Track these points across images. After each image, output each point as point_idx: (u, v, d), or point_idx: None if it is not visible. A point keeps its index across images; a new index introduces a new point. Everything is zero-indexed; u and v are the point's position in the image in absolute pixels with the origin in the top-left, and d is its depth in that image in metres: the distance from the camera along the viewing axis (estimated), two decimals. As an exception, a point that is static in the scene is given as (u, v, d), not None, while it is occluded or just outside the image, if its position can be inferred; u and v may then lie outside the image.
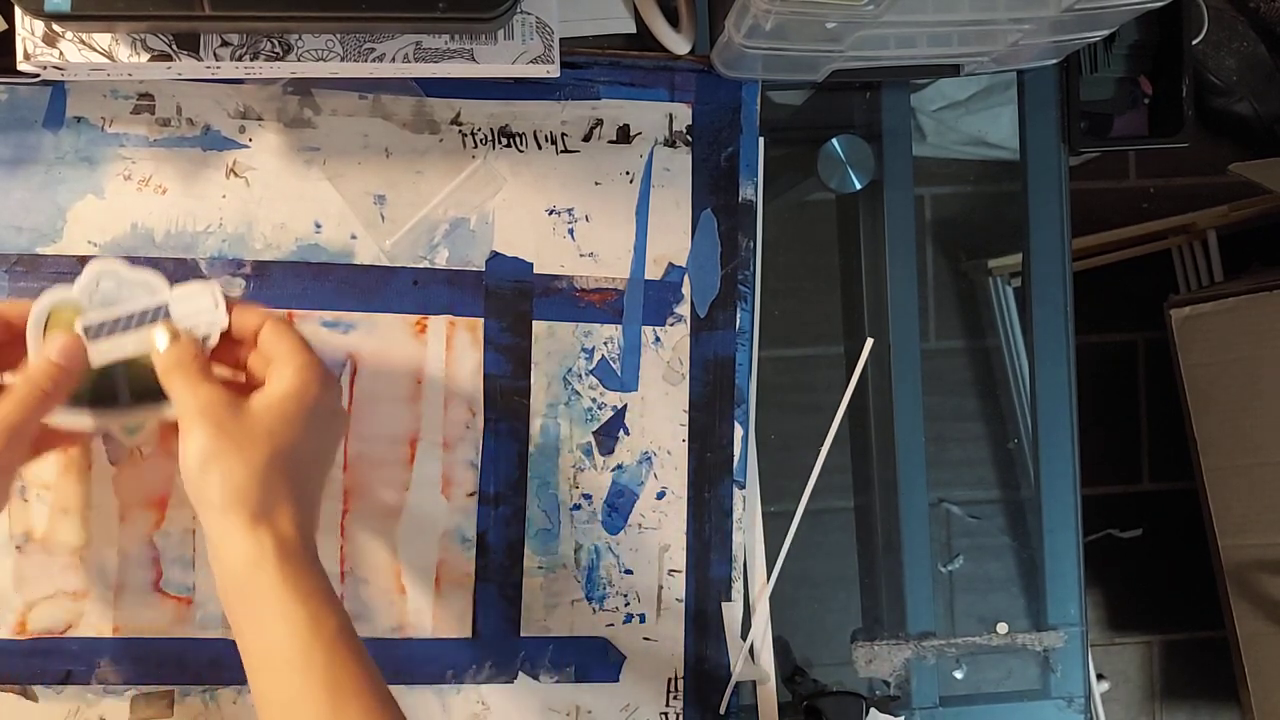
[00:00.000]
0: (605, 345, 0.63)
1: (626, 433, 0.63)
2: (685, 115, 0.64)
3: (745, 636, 0.65)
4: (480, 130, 0.62)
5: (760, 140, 0.64)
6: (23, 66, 0.53)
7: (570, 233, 0.63)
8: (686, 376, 0.64)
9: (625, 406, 0.63)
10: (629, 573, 0.63)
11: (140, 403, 0.52)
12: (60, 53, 0.53)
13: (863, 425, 0.68)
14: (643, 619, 0.64)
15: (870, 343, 0.67)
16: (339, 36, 0.55)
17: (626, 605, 0.63)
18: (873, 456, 0.68)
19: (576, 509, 0.63)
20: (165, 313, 0.52)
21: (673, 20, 0.62)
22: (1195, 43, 1.37)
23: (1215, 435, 1.21)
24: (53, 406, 0.50)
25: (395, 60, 0.55)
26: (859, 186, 0.67)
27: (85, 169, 0.58)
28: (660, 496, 0.64)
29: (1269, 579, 1.18)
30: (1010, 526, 0.70)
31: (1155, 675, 1.52)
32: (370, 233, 0.61)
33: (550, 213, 0.62)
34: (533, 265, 0.62)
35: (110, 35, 0.53)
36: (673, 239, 0.64)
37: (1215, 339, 1.19)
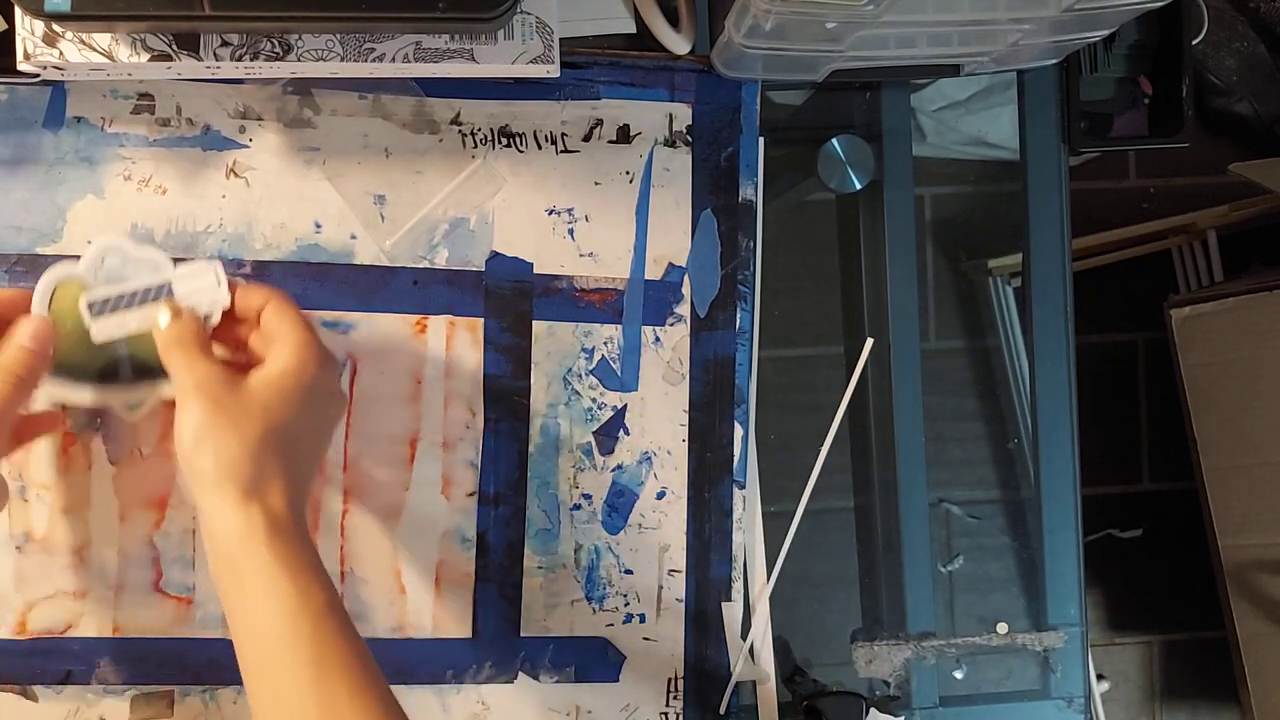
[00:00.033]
0: (605, 345, 0.63)
1: (626, 433, 0.63)
2: (685, 115, 0.64)
3: (745, 636, 0.65)
4: (480, 130, 0.62)
5: (760, 140, 0.64)
6: (23, 66, 0.53)
7: (570, 233, 0.63)
8: (686, 376, 0.64)
9: (625, 406, 0.63)
10: (629, 573, 0.63)
11: (142, 379, 0.53)
12: (60, 53, 0.53)
13: (863, 425, 0.68)
14: (643, 619, 0.64)
15: (870, 343, 0.67)
16: (339, 36, 0.55)
17: (626, 605, 0.63)
18: (873, 456, 0.68)
19: (576, 509, 0.63)
20: (168, 291, 0.52)
21: (673, 20, 0.62)
22: (1195, 43, 1.37)
23: (1215, 435, 1.21)
24: (29, 392, 0.51)
25: (395, 60, 0.55)
26: (859, 186, 0.67)
27: (85, 169, 0.58)
28: (660, 496, 0.64)
29: (1269, 579, 1.18)
30: (1010, 526, 0.70)
31: (1155, 675, 1.52)
32: (370, 233, 0.61)
33: (550, 213, 0.62)
34: (533, 265, 0.62)
35: (110, 35, 0.53)
36: (673, 239, 0.64)
37: (1215, 339, 1.19)
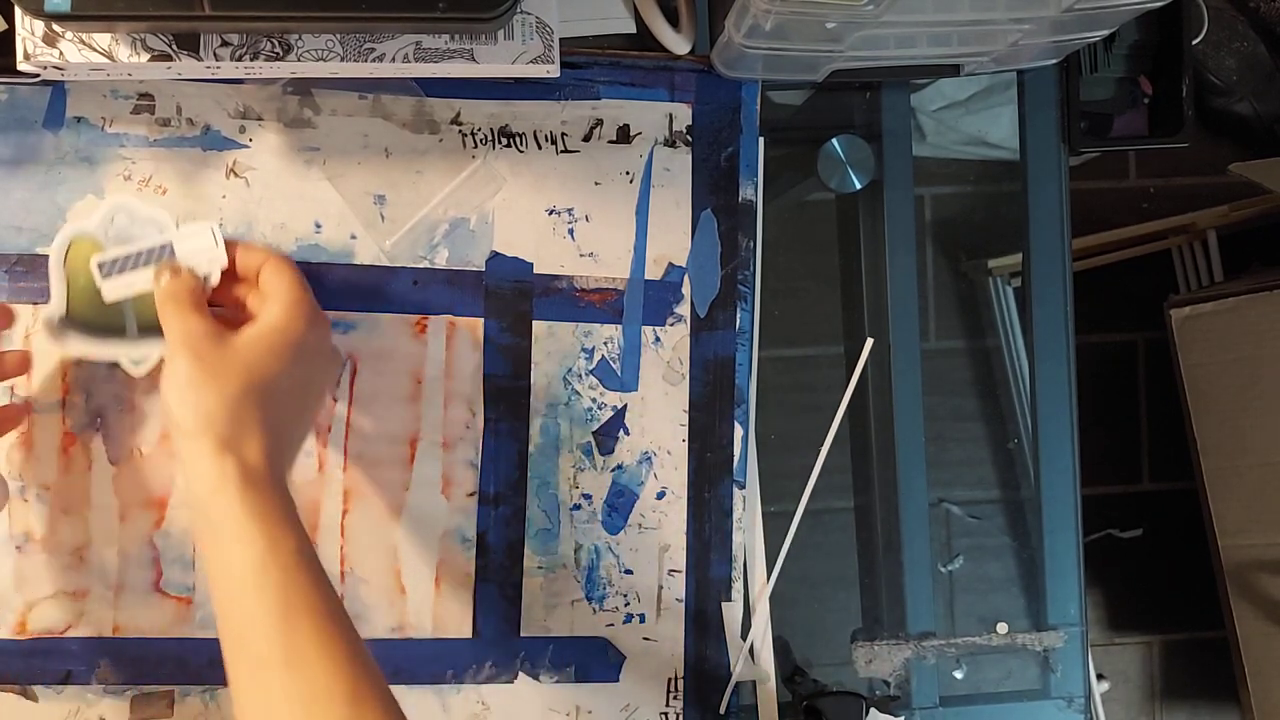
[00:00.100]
0: (605, 345, 0.63)
1: (626, 433, 0.63)
2: (685, 115, 0.64)
3: (745, 636, 0.65)
4: (480, 130, 0.62)
5: (760, 140, 0.64)
6: (23, 66, 0.53)
7: (570, 233, 0.63)
8: (686, 376, 0.64)
9: (625, 406, 0.63)
10: (629, 573, 0.63)
11: (146, 336, 0.56)
12: (60, 53, 0.53)
13: (863, 425, 0.68)
14: (643, 619, 0.64)
15: (870, 343, 0.67)
16: (339, 36, 0.55)
17: (626, 605, 0.63)
18: (873, 456, 0.68)
19: (576, 509, 0.63)
20: (170, 251, 0.55)
21: (673, 20, 0.62)
22: (1195, 43, 1.37)
23: (1215, 435, 1.21)
24: None
25: (395, 60, 0.55)
26: (859, 186, 0.67)
27: (85, 169, 0.58)
28: (660, 496, 0.64)
29: (1269, 579, 1.18)
30: (1010, 526, 0.70)
31: (1155, 675, 1.52)
32: (370, 233, 0.61)
33: (550, 213, 0.62)
34: (533, 265, 0.62)
35: (110, 35, 0.53)
36: (673, 239, 0.64)
37: (1215, 339, 1.19)
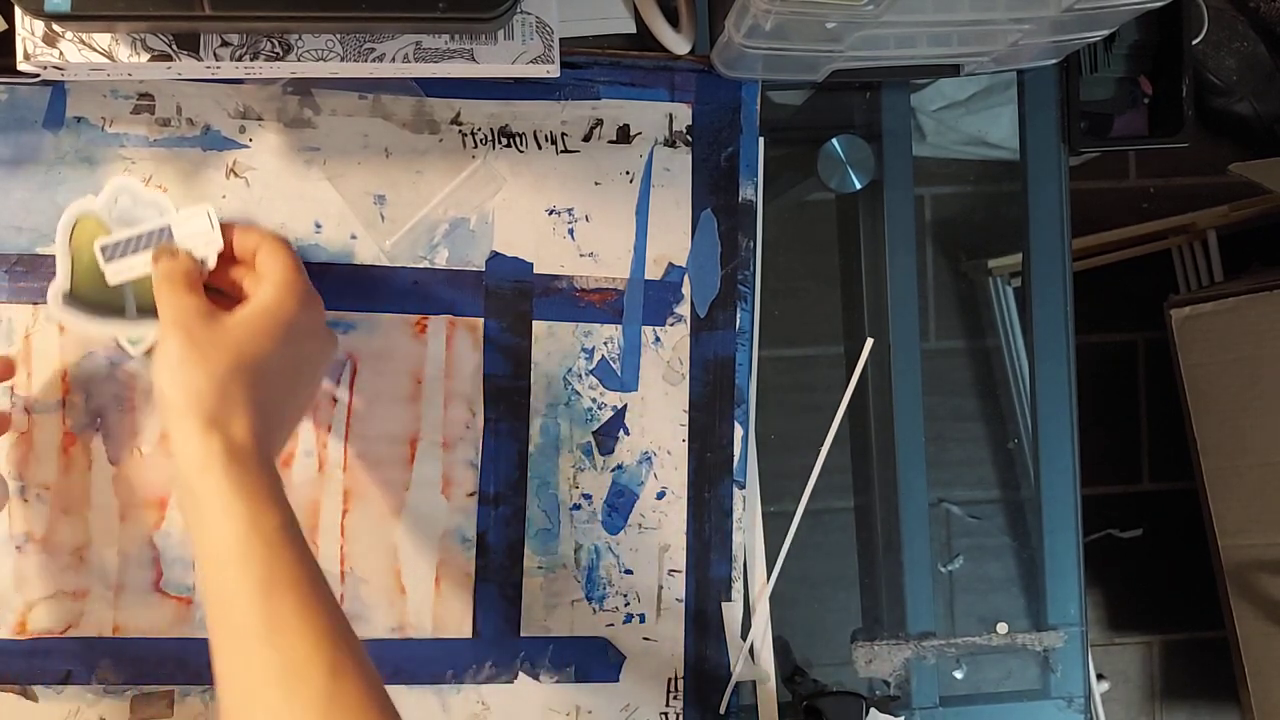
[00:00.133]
0: (605, 345, 0.63)
1: (626, 433, 0.63)
2: (685, 115, 0.64)
3: (745, 636, 0.65)
4: (480, 130, 0.62)
5: (760, 140, 0.64)
6: (23, 66, 0.53)
7: (570, 233, 0.63)
8: (686, 376, 0.64)
9: (625, 406, 0.63)
10: (629, 573, 0.63)
11: (144, 317, 0.56)
12: (60, 53, 0.53)
13: (863, 425, 0.68)
14: (643, 619, 0.64)
15: (870, 343, 0.67)
16: (339, 36, 0.55)
17: (626, 605, 0.63)
18: (873, 456, 0.68)
19: (576, 509, 0.63)
20: (169, 234, 0.55)
21: (673, 20, 0.62)
22: (1195, 43, 1.37)
23: (1215, 435, 1.21)
24: None
25: (395, 60, 0.55)
26: (859, 186, 0.67)
27: (85, 169, 0.58)
28: (660, 496, 0.64)
29: (1269, 579, 1.18)
30: (1010, 526, 0.70)
31: (1155, 675, 1.52)
32: (370, 233, 0.61)
33: (550, 213, 0.62)
34: (533, 265, 0.62)
35: (110, 35, 0.53)
36: (673, 239, 0.64)
37: (1215, 339, 1.19)
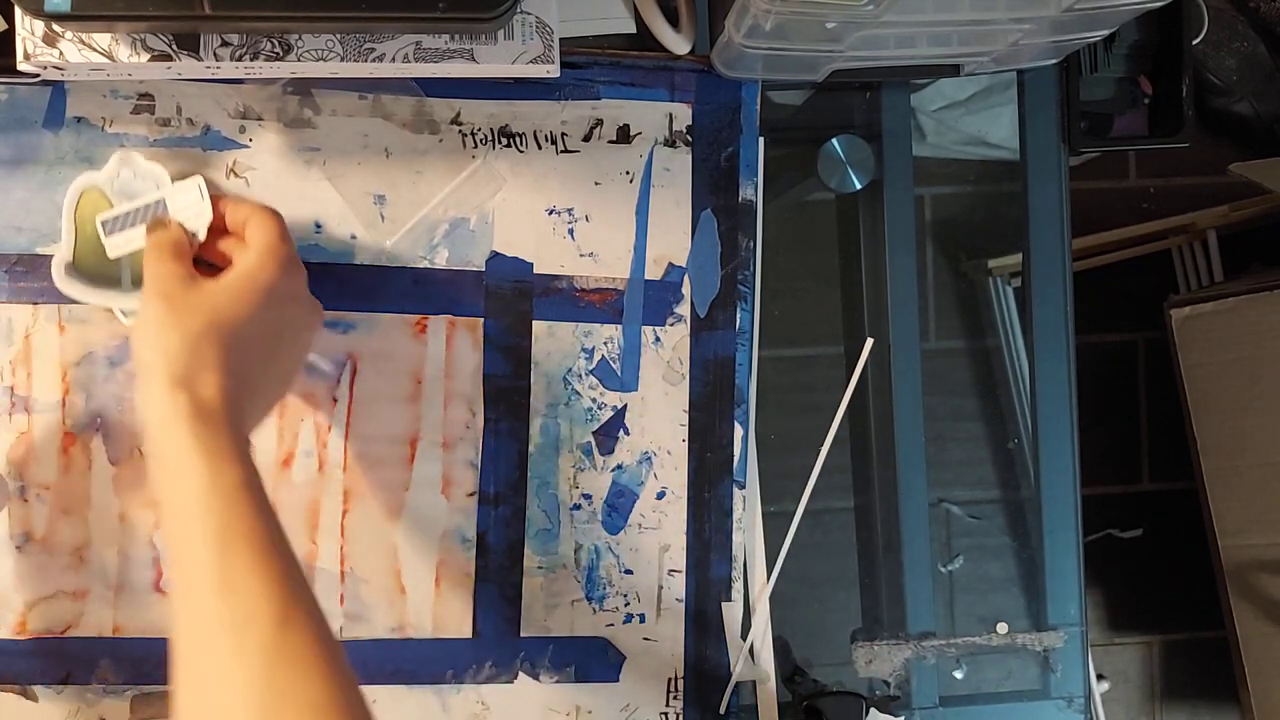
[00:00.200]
0: (605, 345, 0.63)
1: (626, 433, 0.63)
2: (685, 115, 0.64)
3: (745, 636, 0.65)
4: (480, 130, 0.62)
5: (760, 140, 0.64)
6: (23, 66, 0.53)
7: (570, 233, 0.63)
8: (686, 376, 0.64)
9: (625, 406, 0.63)
10: (629, 573, 0.63)
11: (138, 288, 0.57)
12: (60, 53, 0.53)
13: (863, 425, 0.68)
14: (643, 619, 0.64)
15: (870, 343, 0.67)
16: (339, 36, 0.55)
17: (626, 605, 0.63)
18: (873, 456, 0.68)
19: (576, 509, 0.63)
20: (164, 207, 0.56)
21: (673, 20, 0.62)
22: (1195, 43, 1.37)
23: (1215, 435, 1.21)
24: None
25: (395, 60, 0.55)
26: (859, 186, 0.67)
27: (85, 169, 0.58)
28: (660, 496, 0.64)
29: (1269, 579, 1.18)
30: (1010, 526, 0.70)
31: (1155, 675, 1.52)
32: (370, 233, 0.61)
33: (550, 213, 0.62)
34: (533, 265, 0.62)
35: (110, 35, 0.53)
36: (673, 239, 0.64)
37: (1215, 339, 1.19)
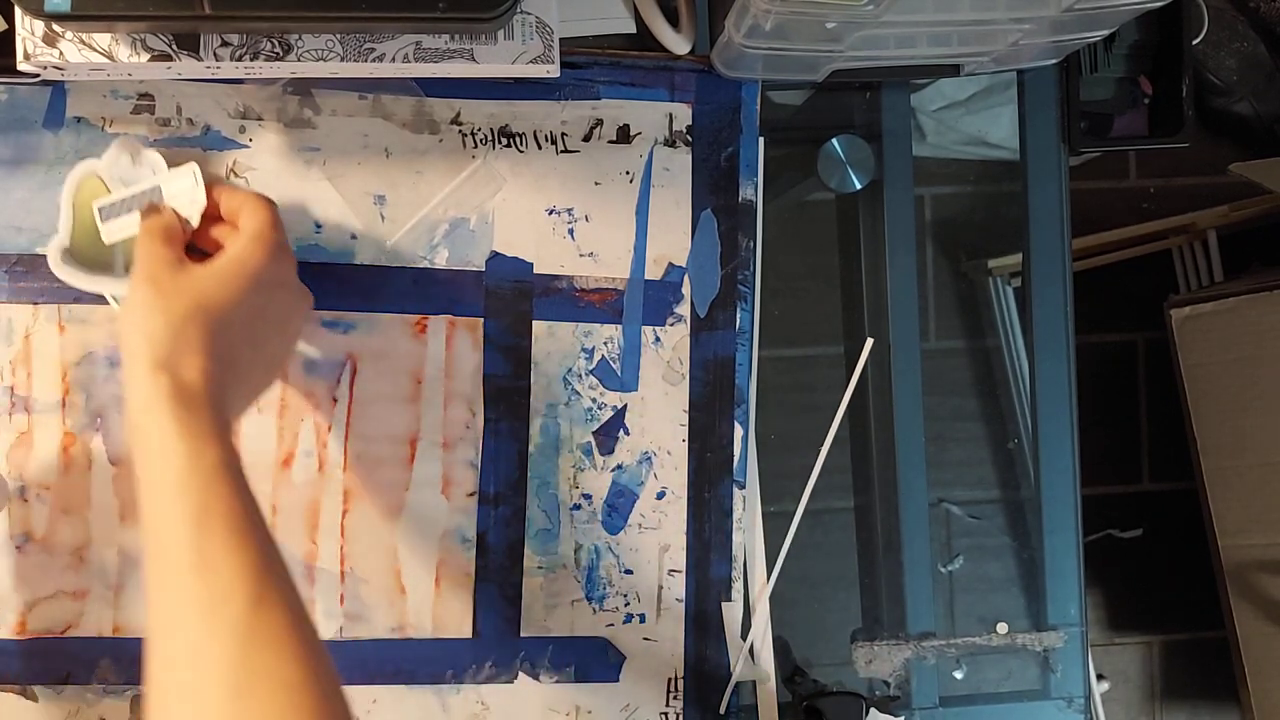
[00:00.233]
0: (605, 345, 0.63)
1: (626, 433, 0.63)
2: (685, 115, 0.64)
3: (745, 636, 0.65)
4: (480, 130, 0.62)
5: (760, 140, 0.64)
6: (23, 66, 0.53)
7: (570, 233, 0.63)
8: (686, 376, 0.64)
9: (625, 406, 0.63)
10: (629, 573, 0.63)
11: (129, 274, 0.56)
12: (60, 53, 0.53)
13: (863, 425, 0.68)
14: (643, 619, 0.64)
15: (870, 343, 0.67)
16: (339, 36, 0.55)
17: (626, 605, 0.63)
18: (873, 456, 0.68)
19: (576, 509, 0.63)
20: (159, 193, 0.56)
21: (673, 20, 0.62)
22: (1195, 43, 1.37)
23: (1215, 435, 1.21)
24: None
25: (395, 60, 0.55)
26: (859, 186, 0.67)
27: (85, 169, 0.58)
28: (660, 496, 0.64)
29: (1269, 579, 1.18)
30: (1010, 526, 0.70)
31: (1155, 675, 1.52)
32: (370, 233, 0.61)
33: (550, 213, 0.62)
34: (533, 265, 0.62)
35: (110, 35, 0.53)
36: (673, 239, 0.64)
37: (1215, 339, 1.19)
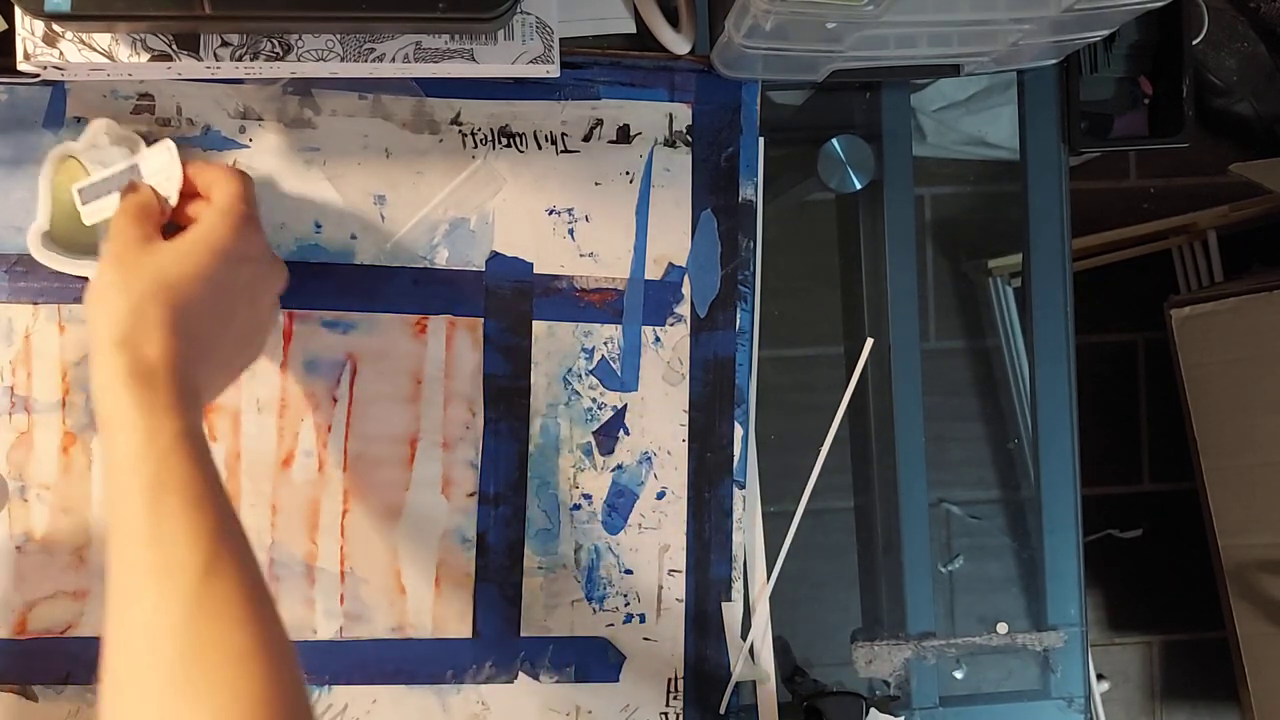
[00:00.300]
0: (605, 345, 0.63)
1: (626, 433, 0.63)
2: (685, 115, 0.64)
3: (745, 636, 0.65)
4: (480, 130, 0.62)
5: (760, 140, 0.64)
6: (23, 66, 0.53)
7: (570, 233, 0.63)
8: (686, 376, 0.64)
9: (625, 406, 0.63)
10: (629, 573, 0.63)
11: None
12: (60, 53, 0.53)
13: (863, 425, 0.68)
14: (643, 619, 0.64)
15: (870, 343, 0.67)
16: (339, 36, 0.55)
17: (626, 605, 0.63)
18: (873, 456, 0.68)
19: (576, 509, 0.63)
20: (138, 172, 0.56)
21: (673, 20, 0.62)
22: (1195, 43, 1.37)
23: (1215, 435, 1.21)
24: None
25: (395, 60, 0.55)
26: (859, 186, 0.67)
27: (85, 169, 0.58)
28: (660, 496, 0.64)
29: (1269, 579, 1.18)
30: (1010, 526, 0.70)
31: (1155, 675, 1.52)
32: (370, 233, 0.61)
33: (550, 213, 0.62)
34: (533, 265, 0.62)
35: (110, 35, 0.53)
36: (673, 239, 0.64)
37: (1215, 339, 1.19)
